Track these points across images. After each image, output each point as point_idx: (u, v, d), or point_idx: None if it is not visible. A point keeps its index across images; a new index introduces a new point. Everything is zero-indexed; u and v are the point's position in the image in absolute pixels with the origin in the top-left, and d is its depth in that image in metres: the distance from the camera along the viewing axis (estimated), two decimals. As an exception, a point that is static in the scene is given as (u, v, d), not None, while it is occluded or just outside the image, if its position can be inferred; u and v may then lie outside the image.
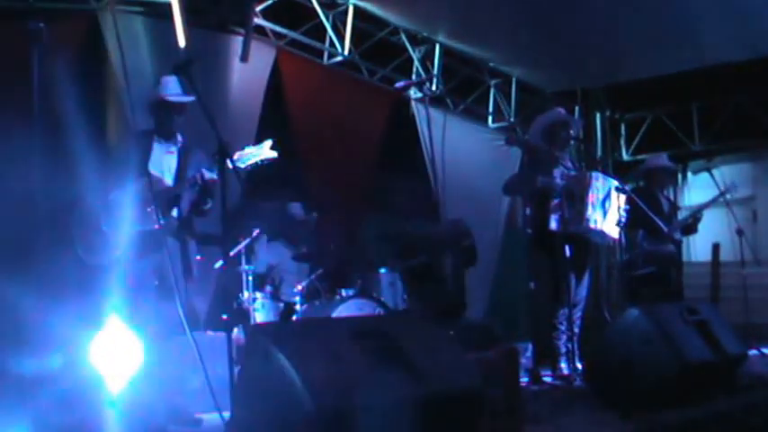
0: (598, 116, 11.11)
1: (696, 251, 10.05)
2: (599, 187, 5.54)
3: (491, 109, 9.73)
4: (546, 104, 8.87)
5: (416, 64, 8.54)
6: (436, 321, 3.82)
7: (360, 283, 6.02)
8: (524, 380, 5.19)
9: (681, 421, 3.83)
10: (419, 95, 8.32)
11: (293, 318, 5.78)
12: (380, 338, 3.08)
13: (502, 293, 8.98)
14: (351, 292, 5.80)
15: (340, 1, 7.62)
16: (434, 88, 8.69)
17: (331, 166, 7.50)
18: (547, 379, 5.48)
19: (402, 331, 3.21)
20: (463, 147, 8.23)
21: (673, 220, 6.77)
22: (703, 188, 8.69)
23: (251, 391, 3.05)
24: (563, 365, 5.50)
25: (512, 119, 9.82)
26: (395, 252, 6.37)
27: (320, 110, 7.55)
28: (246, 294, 5.75)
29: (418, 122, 8.26)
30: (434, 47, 8.66)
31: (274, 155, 4.21)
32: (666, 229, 6.51)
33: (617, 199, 5.59)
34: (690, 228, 6.88)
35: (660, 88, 9.97)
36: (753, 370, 5.13)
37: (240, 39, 6.68)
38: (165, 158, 4.46)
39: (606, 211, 5.54)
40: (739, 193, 7.75)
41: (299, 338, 3.02)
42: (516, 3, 7.49)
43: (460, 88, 9.27)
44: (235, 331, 4.53)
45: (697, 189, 10.25)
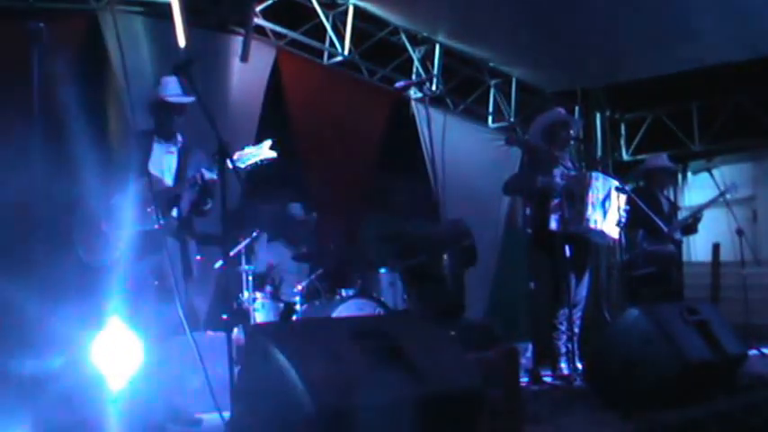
0: (598, 116, 11.09)
1: (696, 251, 10.04)
2: (599, 187, 5.54)
3: (491, 109, 9.71)
4: (546, 104, 8.84)
5: (416, 64, 8.53)
6: (436, 321, 3.82)
7: (360, 283, 6.03)
8: (524, 380, 5.19)
9: (681, 421, 3.82)
10: (419, 95, 8.31)
11: (293, 318, 5.79)
12: (380, 338, 3.08)
13: (502, 293, 8.97)
14: (351, 292, 5.81)
15: (340, 1, 7.62)
16: (434, 88, 8.68)
17: (331, 166, 7.49)
18: (547, 379, 5.48)
19: (402, 331, 3.21)
20: (463, 147, 8.23)
21: (673, 220, 6.77)
22: (703, 188, 8.70)
23: (251, 392, 3.05)
24: (563, 365, 5.50)
25: (512, 119, 9.81)
26: (395, 252, 6.37)
27: (320, 110, 7.55)
28: (246, 294, 5.76)
29: (418, 122, 8.26)
30: (434, 47, 8.65)
31: (274, 155, 4.21)
32: (666, 230, 6.51)
33: (617, 199, 5.59)
34: (690, 228, 6.89)
35: (660, 88, 9.95)
36: (753, 370, 5.11)
37: (240, 39, 6.68)
38: (165, 158, 4.46)
39: (606, 211, 5.53)
40: (739, 193, 7.76)
41: (299, 338, 3.02)
42: (516, 3, 7.49)
43: (460, 88, 9.26)
44: (235, 331, 4.50)
45: (697, 189, 10.25)
